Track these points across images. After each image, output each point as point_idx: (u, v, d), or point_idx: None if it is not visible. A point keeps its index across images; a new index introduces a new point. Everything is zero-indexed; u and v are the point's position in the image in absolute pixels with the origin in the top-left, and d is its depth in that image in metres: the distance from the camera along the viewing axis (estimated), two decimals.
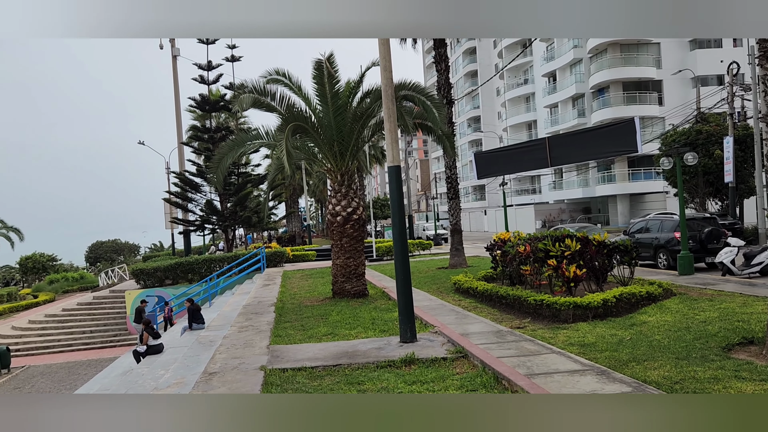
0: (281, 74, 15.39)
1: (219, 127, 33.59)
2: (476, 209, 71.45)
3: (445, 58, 22.23)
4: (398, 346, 9.57)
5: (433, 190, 67.55)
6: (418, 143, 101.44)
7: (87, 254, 70.43)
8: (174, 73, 35.07)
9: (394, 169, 9.98)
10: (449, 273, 20.08)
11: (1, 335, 26.29)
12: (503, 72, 62.41)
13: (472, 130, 74.09)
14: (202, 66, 33.69)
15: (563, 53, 53.23)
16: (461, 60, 75.44)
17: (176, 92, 34.94)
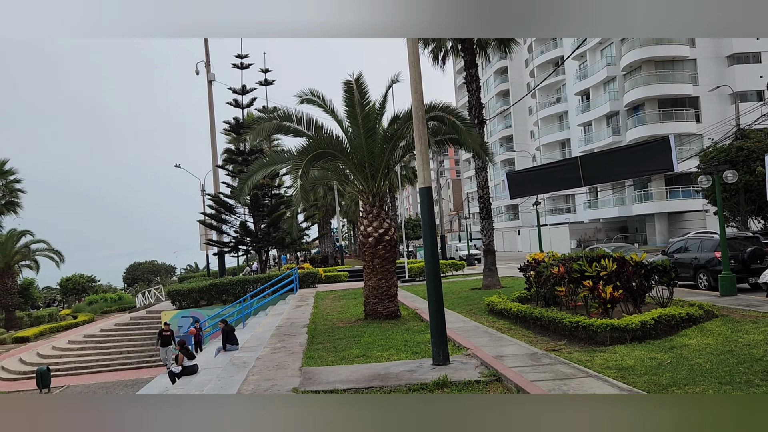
0: (315, 95, 15.56)
1: (252, 150, 34.11)
2: (509, 229, 70.80)
3: (476, 78, 22.24)
4: (431, 369, 9.47)
5: (466, 209, 67.20)
6: (450, 163, 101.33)
7: (125, 275, 71.90)
8: (209, 97, 35.86)
9: (425, 190, 9.97)
10: (482, 294, 19.86)
11: (42, 355, 26.89)
12: (535, 91, 62.17)
13: (505, 149, 73.73)
14: (236, 90, 34.39)
15: (596, 71, 52.79)
16: (492, 80, 75.45)
17: (211, 116, 35.69)
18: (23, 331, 36.86)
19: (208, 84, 35.67)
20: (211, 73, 36.03)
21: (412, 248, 47.18)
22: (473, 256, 44.78)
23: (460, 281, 26.77)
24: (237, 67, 34.45)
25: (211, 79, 35.83)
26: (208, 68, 35.77)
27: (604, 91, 52.48)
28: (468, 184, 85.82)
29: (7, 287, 41.42)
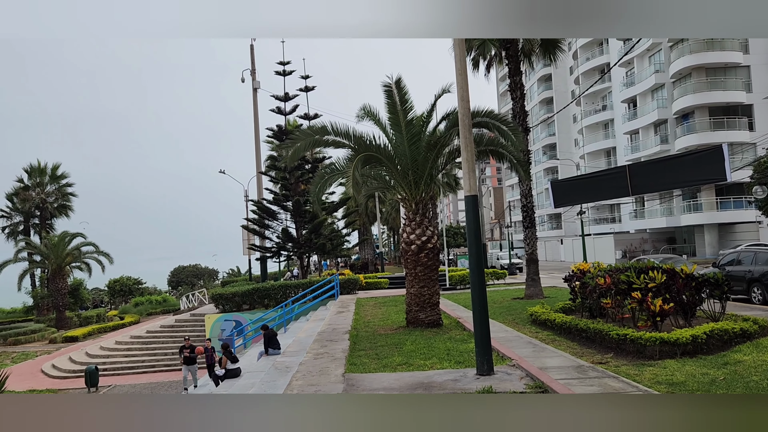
0: (367, 110, 15.65)
1: None
2: (552, 238, 69.73)
3: (520, 85, 22.04)
4: (475, 379, 9.37)
5: (507, 218, 66.50)
6: (492, 171, 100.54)
7: (169, 278, 73.48)
8: (254, 104, 36.52)
9: (471, 198, 9.89)
10: (525, 304, 19.59)
11: (91, 354, 27.68)
12: (580, 98, 61.22)
13: (548, 157, 72.78)
14: (279, 97, 34.89)
15: (644, 78, 51.67)
16: (536, 87, 74.66)
17: (256, 123, 36.32)
18: (73, 330, 38.05)
19: (253, 91, 36.33)
20: (256, 80, 36.71)
21: (452, 256, 46.88)
22: (515, 265, 44.25)
23: (502, 290, 26.46)
24: (279, 74, 34.98)
25: (256, 86, 36.49)
26: (253, 76, 36.45)
27: (652, 98, 51.32)
28: (510, 192, 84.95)
29: (58, 288, 42.82)
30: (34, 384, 23.47)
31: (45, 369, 26.45)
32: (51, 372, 25.92)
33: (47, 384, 23.70)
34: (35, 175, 48.80)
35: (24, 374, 25.20)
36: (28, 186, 48.45)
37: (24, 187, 48.39)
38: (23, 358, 30.89)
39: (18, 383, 21.81)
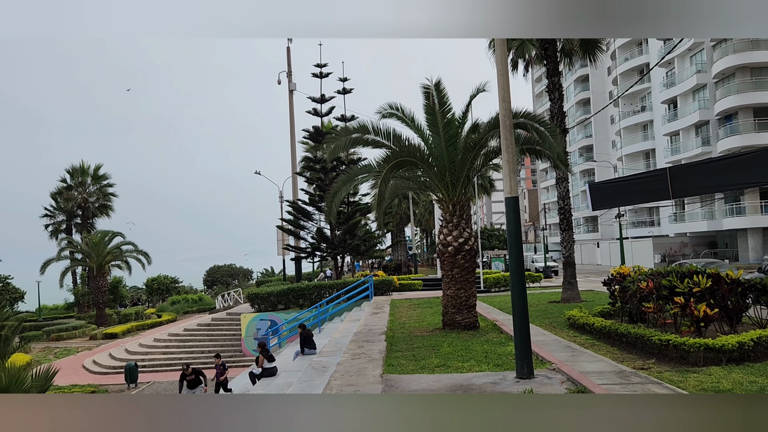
0: (395, 108, 15.67)
1: (330, 158, 34.70)
2: (588, 241, 68.64)
3: (558, 86, 21.77)
4: (514, 382, 9.27)
5: (542, 220, 65.73)
6: (526, 173, 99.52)
7: (205, 277, 74.55)
8: (290, 106, 36.87)
9: (512, 200, 9.80)
10: (562, 307, 19.35)
11: (130, 351, 28.26)
12: (619, 99, 60.14)
13: (584, 159, 71.67)
14: (315, 99, 35.12)
15: (685, 78, 50.48)
16: (573, 88, 73.62)
17: (292, 124, 36.66)
18: (112, 327, 38.93)
19: (289, 93, 36.68)
20: (293, 82, 37.04)
21: (486, 258, 46.51)
22: (550, 268, 43.71)
23: (538, 293, 26.16)
24: (316, 76, 35.21)
25: (293, 88, 36.83)
26: (289, 78, 36.80)
27: (694, 99, 50.11)
28: (545, 195, 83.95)
29: (98, 285, 43.85)
30: (76, 379, 24.07)
31: (86, 365, 27.11)
32: (92, 368, 26.56)
33: (89, 379, 24.28)
34: (77, 176, 50.09)
35: (66, 369, 25.85)
36: (70, 186, 49.77)
37: (67, 186, 49.72)
38: (65, 353, 31.72)
39: (61, 378, 22.37)
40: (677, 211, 53.85)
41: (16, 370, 12.59)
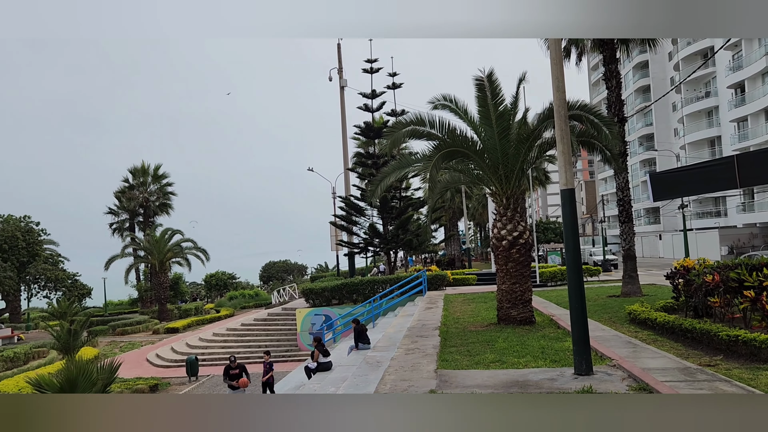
0: (447, 99, 15.51)
1: (382, 153, 34.73)
2: (649, 233, 66.42)
3: (615, 74, 21.04)
4: (573, 379, 9.00)
5: (600, 213, 64.03)
6: (583, 164, 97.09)
7: (261, 273, 76.02)
8: (341, 102, 37.04)
9: (567, 192, 9.51)
10: (622, 302, 18.76)
11: (191, 345, 29.08)
12: (681, 85, 57.80)
13: (644, 148, 69.28)
14: (366, 95, 35.15)
15: (753, 61, 48.05)
16: (631, 75, 71.22)
17: (343, 121, 36.83)
18: (173, 322, 40.20)
19: (340, 90, 36.85)
20: (343, 78, 37.20)
21: (542, 252, 45.64)
22: (609, 261, 42.50)
23: (596, 288, 25.47)
24: (367, 71, 35.21)
25: (343, 84, 36.98)
26: (340, 74, 36.97)
27: (763, 82, 47.64)
28: (602, 186, 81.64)
29: (160, 282, 45.36)
30: (140, 372, 24.93)
31: (150, 358, 28.06)
32: (155, 361, 27.46)
33: (152, 372, 25.11)
34: (139, 176, 51.93)
35: (131, 362, 26.83)
36: (132, 186, 51.64)
37: (129, 186, 51.62)
38: (130, 347, 32.94)
39: (126, 371, 23.21)
40: (746, 201, 51.38)
41: (84, 363, 13.09)
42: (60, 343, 20.86)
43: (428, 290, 27.65)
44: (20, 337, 36.91)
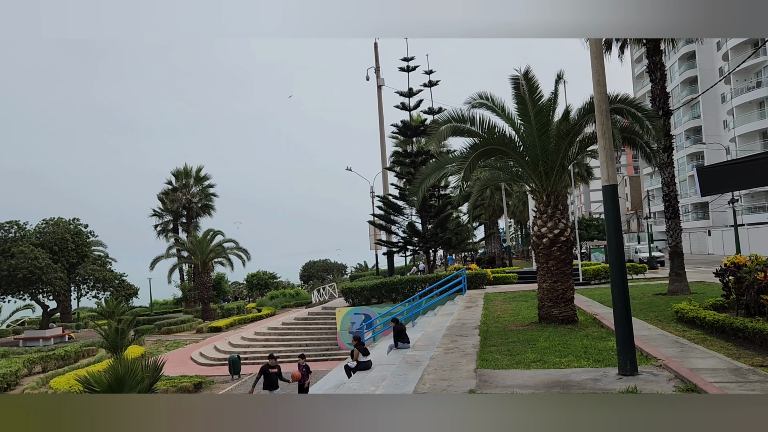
0: (484, 98, 15.36)
1: (420, 152, 34.61)
2: (697, 229, 64.50)
3: (660, 66, 20.46)
4: (617, 379, 8.77)
5: (646, 208, 62.48)
6: (627, 159, 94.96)
7: (301, 273, 76.74)
8: (379, 102, 37.07)
9: (609, 188, 9.28)
10: (669, 300, 18.24)
11: (233, 344, 29.53)
12: (730, 76, 55.92)
13: (692, 141, 67.28)
14: (403, 93, 35.05)
15: None
16: (677, 66, 69.25)
17: (381, 120, 36.85)
18: (216, 321, 40.91)
19: (377, 89, 36.88)
20: (381, 78, 37.21)
21: (585, 249, 44.77)
22: (655, 258, 41.41)
23: (642, 285, 24.84)
24: (403, 70, 35.08)
25: (381, 83, 36.99)
26: (377, 73, 36.99)
27: None
28: (648, 181, 79.65)
29: (203, 281, 46.22)
30: (185, 370, 25.44)
31: (194, 356, 28.61)
32: (199, 359, 27.98)
33: (196, 370, 25.59)
34: (181, 178, 53.03)
35: (176, 361, 27.41)
36: (176, 187, 52.78)
37: (172, 188, 52.78)
38: (175, 346, 33.65)
39: (171, 369, 23.73)
40: None
41: (130, 362, 13.41)
42: (108, 341, 21.40)
43: (468, 289, 27.43)
44: (71, 335, 38.12)
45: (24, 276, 35.76)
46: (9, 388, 24.30)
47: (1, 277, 36.35)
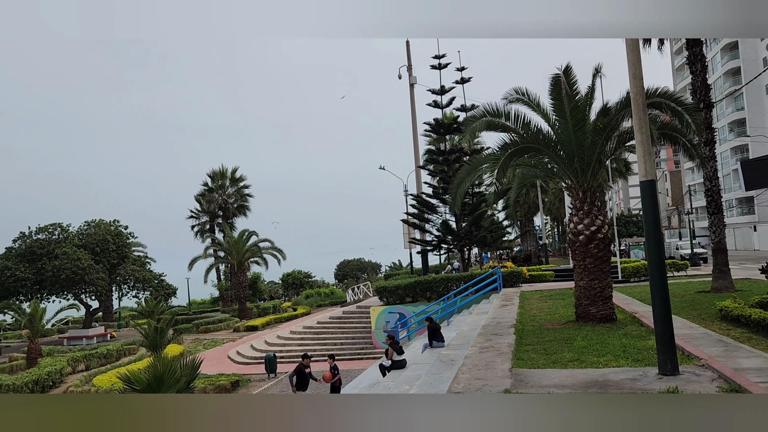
0: (520, 93, 15.18)
1: (453, 149, 34.37)
2: (742, 225, 62.59)
3: (701, 57, 19.89)
4: (657, 379, 8.54)
5: (687, 204, 60.95)
6: (668, 153, 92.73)
7: (335, 272, 77.11)
8: (411, 100, 36.95)
9: (647, 184, 9.04)
10: (712, 298, 17.73)
11: (269, 343, 29.83)
12: None
13: (735, 135, 65.30)
14: (435, 91, 34.88)
15: None
16: (719, 57, 67.28)
17: (413, 118, 36.73)
18: (253, 320, 41.37)
19: (410, 87, 36.78)
20: (413, 76, 37.10)
21: (624, 246, 43.87)
22: (698, 255, 40.33)
23: (684, 283, 24.21)
24: (435, 67, 34.90)
25: (413, 82, 36.87)
26: (410, 72, 36.89)
27: None
28: (689, 176, 77.61)
29: (239, 281, 46.82)
30: (222, 368, 25.79)
31: (231, 355, 28.99)
32: (236, 358, 28.34)
33: (233, 369, 25.92)
34: (217, 179, 53.83)
35: (214, 360, 27.82)
36: (212, 189, 53.60)
37: (208, 189, 53.62)
38: (212, 344, 34.16)
39: (209, 368, 24.08)
40: None
41: (169, 361, 13.64)
42: (148, 340, 21.85)
43: (503, 287, 27.14)
44: (113, 334, 39.06)
45: (67, 276, 36.78)
46: (54, 385, 25.01)
47: (46, 278, 37.46)
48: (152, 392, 12.22)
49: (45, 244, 39.59)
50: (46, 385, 24.53)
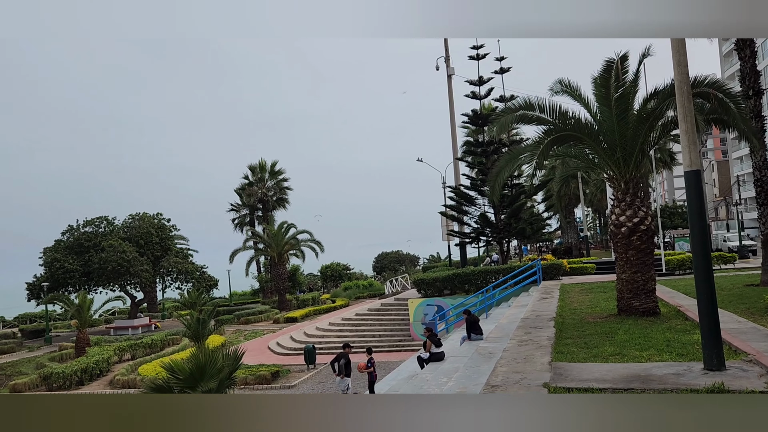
0: (564, 84, 15.03)
1: (491, 141, 34.01)
2: None
3: (749, 43, 19.18)
4: (701, 374, 8.31)
5: (735, 195, 59.10)
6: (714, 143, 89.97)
7: (374, 264, 77.36)
8: (449, 91, 36.73)
9: (692, 174, 8.78)
10: (761, 291, 17.15)
11: (308, 335, 30.17)
12: None
13: None
14: (473, 82, 34.52)
15: None
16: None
17: (451, 110, 36.51)
18: (292, 312, 41.92)
19: (447, 78, 36.57)
20: (450, 67, 36.84)
21: (669, 238, 42.78)
22: (746, 247, 39.07)
23: (731, 276, 23.50)
24: (473, 58, 34.50)
25: (451, 73, 36.63)
26: (447, 63, 36.65)
27: None
28: (737, 165, 75.20)
29: (279, 273, 47.44)
30: (262, 359, 26.23)
31: (271, 346, 29.44)
32: (276, 349, 28.77)
33: (273, 359, 26.33)
34: (257, 172, 54.56)
35: (254, 350, 28.30)
36: (252, 182, 54.36)
37: (249, 183, 54.39)
38: (253, 335, 34.76)
39: (249, 358, 24.51)
40: None
41: (211, 351, 13.94)
42: (190, 331, 22.35)
43: (543, 280, 26.80)
44: (157, 325, 40.10)
45: (113, 268, 37.87)
46: (101, 374, 25.85)
47: (93, 270, 38.64)
48: (194, 382, 12.51)
49: (92, 237, 40.82)
50: (94, 374, 25.37)
